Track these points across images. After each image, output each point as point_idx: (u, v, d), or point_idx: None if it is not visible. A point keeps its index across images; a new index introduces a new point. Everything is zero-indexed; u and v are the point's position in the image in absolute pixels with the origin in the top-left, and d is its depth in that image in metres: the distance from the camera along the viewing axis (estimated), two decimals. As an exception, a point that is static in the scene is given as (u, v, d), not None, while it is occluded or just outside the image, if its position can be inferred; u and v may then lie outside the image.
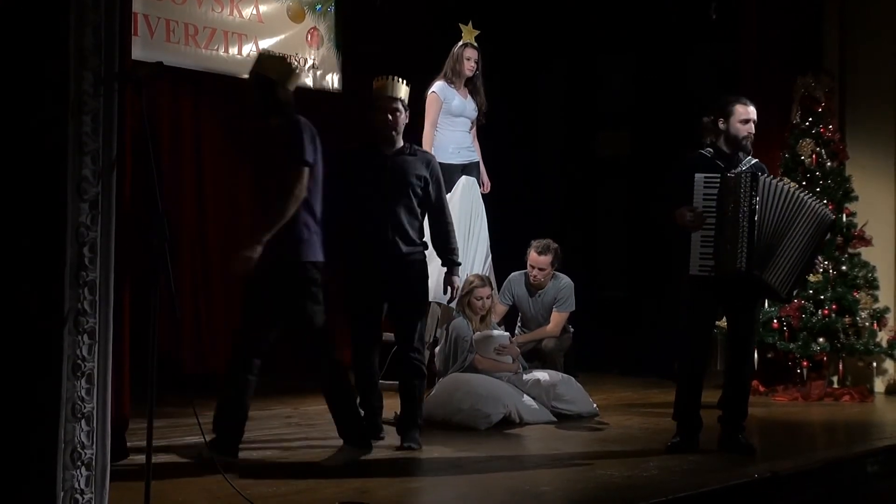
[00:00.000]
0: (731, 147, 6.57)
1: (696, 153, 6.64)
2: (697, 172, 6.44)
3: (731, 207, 6.37)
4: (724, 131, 6.57)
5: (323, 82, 10.56)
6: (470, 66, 8.22)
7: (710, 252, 6.37)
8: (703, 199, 6.38)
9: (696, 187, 6.38)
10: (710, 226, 6.38)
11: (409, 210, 6.61)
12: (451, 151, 8.23)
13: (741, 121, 6.54)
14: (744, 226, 6.35)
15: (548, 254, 8.40)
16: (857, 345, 9.32)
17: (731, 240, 6.36)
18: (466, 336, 7.77)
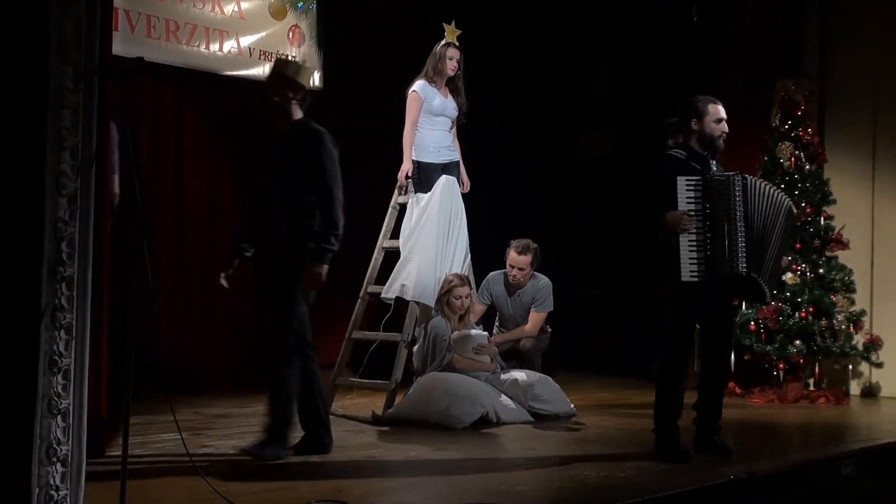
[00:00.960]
0: (704, 147, 6.47)
1: (669, 155, 6.55)
2: (675, 175, 6.35)
3: (723, 210, 6.30)
4: (697, 131, 6.48)
5: (304, 80, 10.54)
6: (452, 65, 8.22)
7: (701, 257, 6.26)
8: (686, 202, 6.29)
9: (679, 190, 6.28)
10: (697, 230, 6.28)
11: (290, 192, 6.28)
12: (431, 151, 8.22)
13: (715, 120, 6.47)
14: (740, 228, 6.31)
15: (527, 254, 8.41)
16: (834, 347, 9.35)
17: (729, 243, 6.28)
18: (445, 335, 7.77)
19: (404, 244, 8.19)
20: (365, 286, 8.37)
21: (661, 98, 11.03)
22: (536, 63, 12.44)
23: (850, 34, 9.96)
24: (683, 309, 6.34)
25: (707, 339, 6.59)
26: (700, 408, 6.61)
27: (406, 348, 7.98)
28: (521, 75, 12.44)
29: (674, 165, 6.43)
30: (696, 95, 6.65)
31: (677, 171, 6.37)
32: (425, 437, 6.95)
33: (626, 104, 11.80)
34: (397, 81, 8.50)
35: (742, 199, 6.36)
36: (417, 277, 8.02)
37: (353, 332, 8.31)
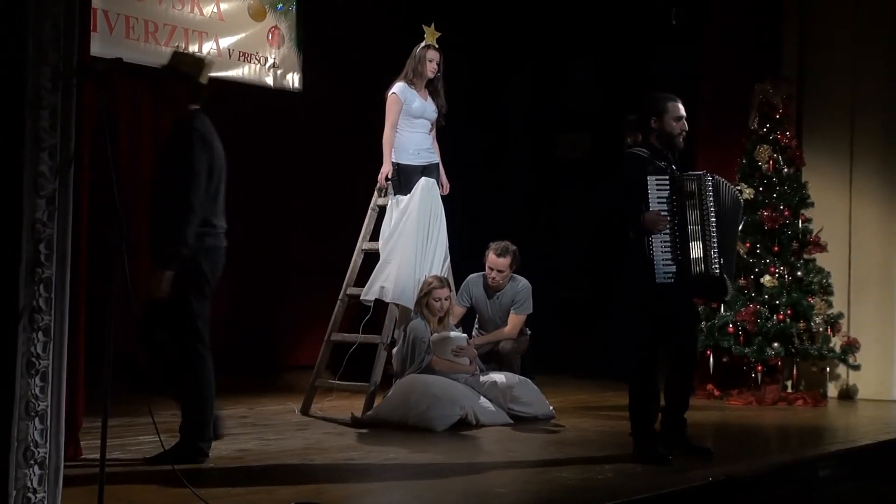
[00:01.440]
0: (664, 145, 6.41)
1: (632, 153, 6.47)
2: (642, 173, 6.28)
3: (695, 210, 6.26)
4: (656, 129, 6.41)
5: (283, 81, 10.53)
6: (431, 67, 8.20)
7: (674, 258, 6.22)
8: (657, 201, 6.23)
9: (650, 190, 6.22)
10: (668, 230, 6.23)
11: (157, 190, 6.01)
12: (411, 153, 8.20)
13: (675, 118, 6.40)
14: (712, 228, 6.29)
15: (506, 256, 8.40)
16: (811, 350, 9.38)
17: (703, 243, 6.27)
18: (424, 337, 7.75)
19: (384, 246, 8.16)
20: (344, 288, 8.35)
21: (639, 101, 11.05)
22: (515, 66, 12.44)
23: (829, 37, 10.00)
24: (655, 310, 6.28)
25: (673, 340, 6.49)
26: (668, 412, 6.54)
27: (385, 350, 7.96)
28: (500, 78, 12.44)
29: (639, 164, 6.35)
30: (656, 92, 6.59)
31: (643, 170, 6.30)
32: (404, 440, 6.93)
33: (604, 107, 11.80)
34: (377, 83, 8.48)
35: (714, 198, 6.35)
36: (397, 279, 8.00)
37: (333, 334, 8.29)
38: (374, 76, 8.96)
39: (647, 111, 6.48)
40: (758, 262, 9.51)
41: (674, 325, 6.43)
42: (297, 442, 6.86)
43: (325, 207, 10.75)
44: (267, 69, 10.38)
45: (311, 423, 7.76)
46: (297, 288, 10.73)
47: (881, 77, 9.75)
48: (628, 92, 11.36)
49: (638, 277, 6.28)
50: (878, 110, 9.76)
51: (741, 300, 9.39)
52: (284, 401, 8.63)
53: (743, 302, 9.39)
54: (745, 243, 9.50)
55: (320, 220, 10.75)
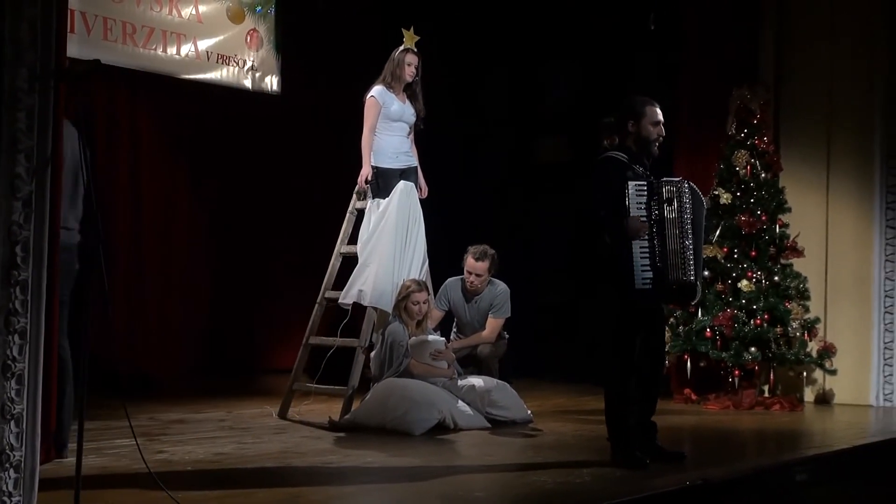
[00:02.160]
0: (640, 149, 6.39)
1: (610, 157, 6.41)
2: (619, 178, 6.26)
3: (673, 216, 6.26)
4: (633, 133, 6.39)
5: (262, 84, 10.52)
6: (410, 71, 8.19)
7: (652, 264, 6.21)
8: (637, 207, 6.22)
9: (630, 195, 6.22)
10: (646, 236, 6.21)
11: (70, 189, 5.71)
12: (389, 156, 8.19)
13: (653, 122, 6.38)
14: (689, 234, 6.29)
15: (485, 260, 8.39)
16: (788, 354, 9.40)
17: (681, 250, 6.27)
18: (402, 341, 7.74)
19: (362, 249, 8.15)
20: (322, 291, 8.33)
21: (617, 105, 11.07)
22: (494, 69, 12.44)
23: (806, 43, 10.01)
24: (632, 315, 6.28)
25: (644, 344, 6.42)
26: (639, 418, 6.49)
27: (363, 354, 7.94)
28: (479, 81, 12.45)
29: (617, 169, 6.33)
30: (635, 96, 6.57)
31: (623, 175, 6.29)
32: (382, 444, 6.92)
33: (583, 111, 11.81)
34: (355, 86, 8.47)
35: (690, 205, 6.36)
36: (375, 283, 7.99)
37: (311, 338, 8.27)
38: (353, 79, 8.96)
39: (624, 114, 6.46)
40: (735, 267, 9.52)
41: (646, 330, 6.42)
42: (274, 445, 6.83)
43: (303, 211, 10.74)
44: (245, 72, 10.37)
45: (288, 426, 7.74)
46: (276, 291, 10.72)
47: (857, 84, 9.77)
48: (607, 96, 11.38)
49: (616, 283, 6.27)
50: (853, 116, 9.78)
51: (718, 304, 9.40)
52: (262, 404, 8.60)
53: (720, 306, 9.40)
54: (723, 248, 9.51)
55: (298, 223, 10.74)
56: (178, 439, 6.92)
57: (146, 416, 7.87)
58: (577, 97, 12.02)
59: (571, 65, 12.14)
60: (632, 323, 6.31)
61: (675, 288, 6.35)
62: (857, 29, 9.83)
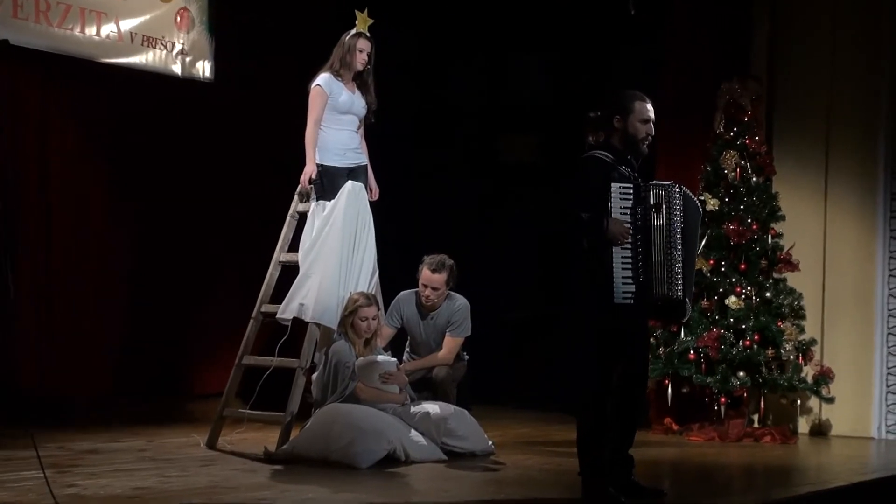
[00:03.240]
0: (627, 148, 6.43)
1: (594, 157, 6.43)
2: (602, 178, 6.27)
3: (661, 224, 6.27)
4: (620, 130, 6.43)
5: (192, 70, 10.47)
6: (362, 58, 8.19)
7: (635, 276, 6.21)
8: (620, 211, 6.23)
9: (613, 198, 6.22)
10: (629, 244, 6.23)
11: None
12: (336, 153, 8.19)
13: (641, 120, 6.41)
14: (678, 244, 6.31)
15: (442, 271, 8.39)
16: (781, 380, 9.44)
17: (668, 261, 6.28)
18: (348, 361, 7.73)
19: (304, 258, 8.13)
20: (258, 305, 8.30)
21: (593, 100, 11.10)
22: (456, 58, 12.44)
23: (803, 32, 10.08)
24: (610, 333, 6.29)
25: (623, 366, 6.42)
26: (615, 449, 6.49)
27: (304, 376, 7.93)
28: (440, 71, 12.44)
29: (601, 169, 6.35)
30: (623, 89, 6.59)
31: (606, 176, 6.30)
32: (325, 477, 6.90)
33: (555, 106, 11.84)
34: (299, 74, 8.45)
35: (682, 212, 6.37)
36: (318, 296, 7.98)
37: (244, 358, 8.24)
38: (297, 66, 8.94)
39: (611, 108, 6.49)
40: (722, 282, 9.57)
41: (626, 350, 6.41)
42: (202, 479, 6.80)
43: (238, 213, 10.70)
44: (174, 56, 10.31)
45: (218, 457, 7.71)
46: (205, 304, 10.66)
47: (859, 78, 9.85)
48: (582, 88, 11.44)
49: (593, 296, 6.28)
50: (856, 113, 9.86)
51: (704, 324, 9.45)
52: (188, 433, 8.57)
53: (705, 326, 9.45)
54: (709, 260, 9.56)
55: (233, 227, 10.69)
56: (92, 471, 6.87)
57: (56, 445, 7.81)
58: (548, 89, 12.04)
59: (542, 55, 12.16)
60: (609, 342, 6.31)
61: (661, 305, 6.37)
62: (860, 17, 9.91)
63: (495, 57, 12.36)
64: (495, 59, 12.37)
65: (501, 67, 12.42)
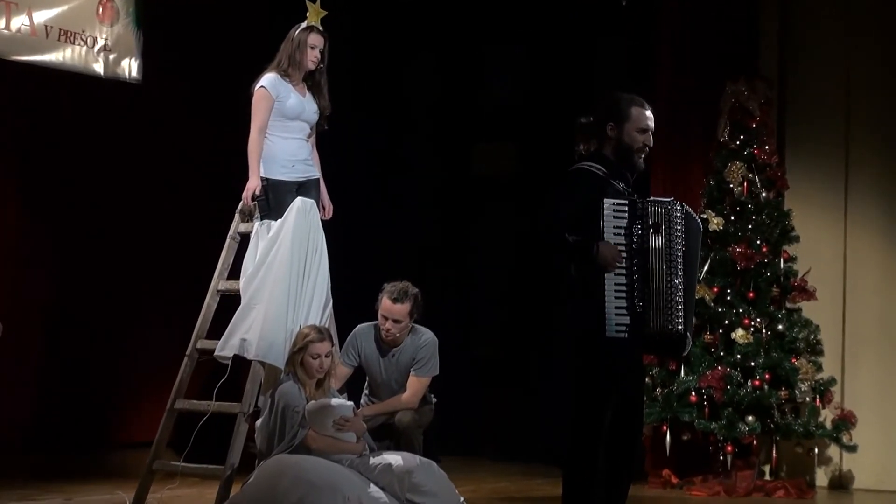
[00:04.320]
0: (621, 160, 6.41)
1: (583, 169, 6.42)
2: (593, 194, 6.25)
3: (660, 247, 6.23)
4: (612, 139, 6.42)
5: (117, 69, 10.38)
6: (314, 56, 8.13)
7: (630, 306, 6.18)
8: (613, 232, 6.21)
9: (606, 217, 6.20)
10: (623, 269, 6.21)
11: None
12: (283, 165, 8.13)
13: (639, 129, 6.41)
14: (679, 271, 6.29)
15: (405, 301, 8.32)
16: (795, 425, 9.45)
17: (665, 291, 6.24)
18: (297, 406, 7.65)
19: (246, 286, 8.08)
20: (193, 341, 8.24)
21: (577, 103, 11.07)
22: (420, 54, 12.43)
23: (817, 26, 10.14)
24: (601, 373, 6.26)
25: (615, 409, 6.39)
26: None
27: (247, 422, 7.87)
28: (399, 70, 12.43)
29: (591, 183, 6.34)
30: (620, 93, 6.58)
31: (597, 192, 6.29)
32: (270, 541, 6.84)
33: (533, 111, 11.83)
34: (240, 74, 8.39)
35: (684, 234, 6.34)
36: (263, 330, 7.92)
37: (177, 402, 8.18)
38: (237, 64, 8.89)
39: (604, 114, 6.48)
40: (728, 313, 9.57)
41: (618, 391, 6.38)
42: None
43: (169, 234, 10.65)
44: (96, 53, 10.24)
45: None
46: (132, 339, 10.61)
47: (882, 76, 9.92)
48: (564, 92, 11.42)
49: (581, 329, 6.26)
50: (879, 118, 9.95)
51: (707, 361, 9.44)
52: (112, 489, 8.52)
53: (709, 363, 9.44)
54: (713, 287, 9.57)
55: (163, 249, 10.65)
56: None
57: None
58: (526, 92, 12.03)
59: (518, 51, 12.15)
60: (600, 383, 6.28)
61: (658, 339, 6.34)
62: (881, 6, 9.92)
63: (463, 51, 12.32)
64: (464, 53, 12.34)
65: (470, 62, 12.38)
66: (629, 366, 6.40)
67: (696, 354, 9.38)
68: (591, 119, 6.57)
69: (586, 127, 6.57)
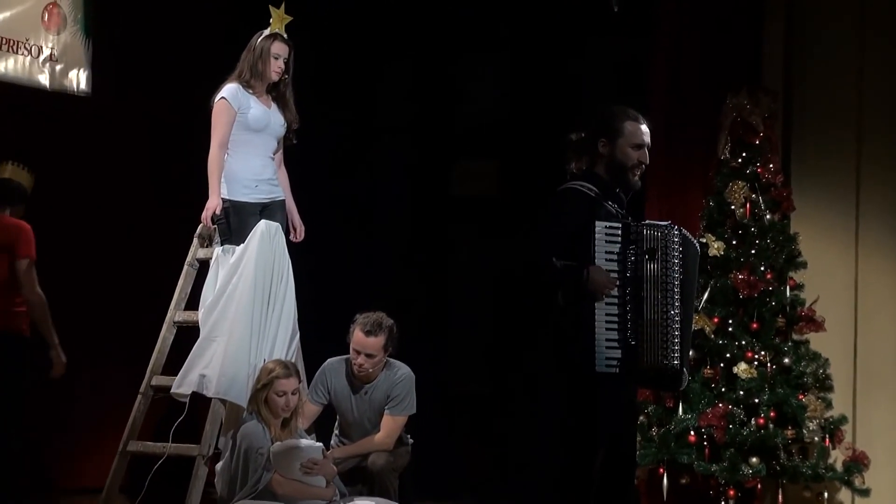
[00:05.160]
0: (614, 179, 6.48)
1: (574, 189, 6.48)
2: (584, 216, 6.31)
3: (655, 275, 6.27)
4: (606, 156, 6.48)
5: (64, 81, 10.38)
6: (277, 66, 8.15)
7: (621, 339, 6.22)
8: (606, 258, 6.26)
9: (597, 241, 6.24)
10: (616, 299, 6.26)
11: None
12: (245, 185, 8.14)
13: (633, 145, 6.48)
14: (676, 301, 6.32)
15: (379, 334, 8.34)
16: (803, 467, 9.47)
17: (660, 322, 6.28)
18: (261, 447, 7.66)
19: (206, 317, 8.10)
20: (148, 377, 8.26)
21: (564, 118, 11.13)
22: (393, 62, 12.46)
23: (827, 34, 10.19)
24: (590, 410, 6.30)
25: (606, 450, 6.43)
26: None
27: (206, 466, 7.88)
28: (372, 80, 12.45)
29: (582, 204, 6.39)
30: (612, 106, 6.65)
31: (588, 213, 6.33)
32: None
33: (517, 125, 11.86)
34: (198, 85, 8.42)
35: (680, 260, 6.38)
36: (223, 365, 7.93)
37: (130, 443, 8.20)
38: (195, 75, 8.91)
39: (595, 130, 6.54)
40: (730, 345, 9.59)
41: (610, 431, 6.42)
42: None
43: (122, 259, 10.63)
44: (41, 63, 10.25)
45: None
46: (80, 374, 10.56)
47: (895, 86, 9.97)
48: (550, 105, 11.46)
49: (569, 364, 6.29)
50: (893, 133, 9.98)
51: (707, 397, 9.46)
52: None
53: (709, 400, 9.46)
54: (713, 318, 9.58)
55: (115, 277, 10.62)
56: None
57: None
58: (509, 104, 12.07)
59: (501, 60, 12.20)
60: (590, 421, 6.31)
61: (652, 375, 6.38)
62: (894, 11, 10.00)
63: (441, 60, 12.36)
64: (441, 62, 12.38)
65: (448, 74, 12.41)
66: (621, 403, 6.45)
67: (696, 391, 9.41)
68: (582, 135, 6.61)
69: (577, 144, 6.61)
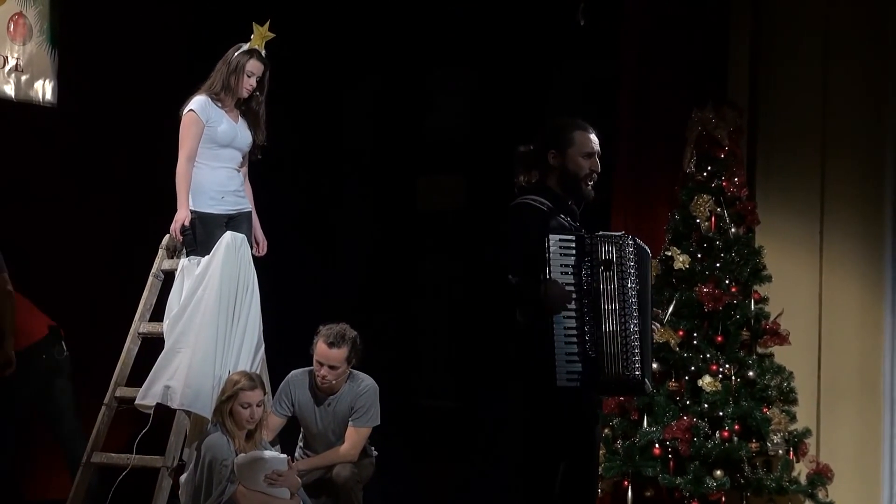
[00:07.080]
0: (567, 190, 6.48)
1: (525, 204, 6.44)
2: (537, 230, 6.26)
3: (612, 286, 6.23)
4: (556, 168, 6.47)
5: (30, 92, 10.35)
6: (249, 84, 8.11)
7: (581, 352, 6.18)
8: (561, 271, 6.21)
9: (552, 255, 6.20)
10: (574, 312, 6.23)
11: None
12: (211, 196, 8.13)
13: (584, 154, 6.46)
14: (634, 311, 6.29)
15: (342, 346, 8.34)
16: (767, 480, 9.47)
17: (619, 333, 6.24)
18: (225, 459, 7.65)
19: (170, 329, 8.08)
20: (112, 388, 8.24)
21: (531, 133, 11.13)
22: (359, 80, 12.46)
23: (791, 49, 10.19)
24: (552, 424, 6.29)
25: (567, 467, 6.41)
26: None
27: (170, 477, 7.86)
28: (337, 96, 12.44)
29: (534, 219, 6.35)
30: (559, 117, 6.68)
31: (541, 227, 6.29)
32: None
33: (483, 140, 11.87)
34: (167, 97, 8.40)
35: (637, 270, 6.37)
36: (188, 377, 7.92)
37: (94, 455, 8.17)
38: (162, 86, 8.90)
39: (544, 142, 6.53)
40: (695, 358, 9.60)
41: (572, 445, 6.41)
42: None
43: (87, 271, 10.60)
44: (7, 73, 10.21)
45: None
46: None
47: (862, 103, 9.98)
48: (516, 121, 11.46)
49: (529, 378, 6.28)
50: (859, 149, 9.98)
51: (671, 410, 9.47)
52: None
53: (674, 413, 9.46)
54: (678, 331, 9.59)
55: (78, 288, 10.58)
56: None
57: None
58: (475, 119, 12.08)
59: (467, 76, 12.21)
60: (552, 435, 6.29)
61: (614, 387, 6.39)
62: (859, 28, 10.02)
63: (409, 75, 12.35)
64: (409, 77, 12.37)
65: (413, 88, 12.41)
66: (584, 416, 6.45)
67: (660, 404, 9.41)
68: (531, 147, 6.61)
69: (526, 156, 6.61)
